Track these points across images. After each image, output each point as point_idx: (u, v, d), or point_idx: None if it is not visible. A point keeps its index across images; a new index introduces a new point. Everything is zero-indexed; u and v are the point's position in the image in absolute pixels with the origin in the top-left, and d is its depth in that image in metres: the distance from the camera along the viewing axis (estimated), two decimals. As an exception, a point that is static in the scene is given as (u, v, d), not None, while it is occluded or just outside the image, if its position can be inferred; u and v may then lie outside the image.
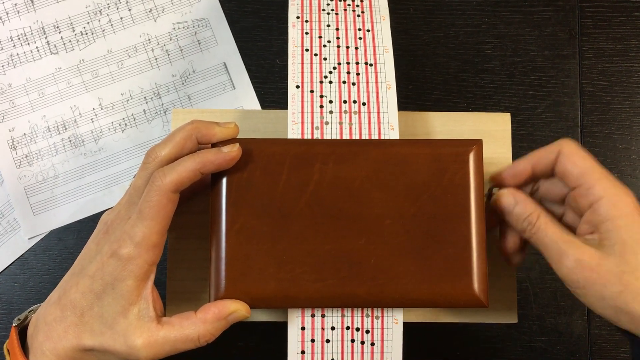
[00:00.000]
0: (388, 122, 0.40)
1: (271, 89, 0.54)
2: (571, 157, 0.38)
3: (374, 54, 0.42)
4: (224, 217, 0.38)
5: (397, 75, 0.42)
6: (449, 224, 0.38)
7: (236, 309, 0.37)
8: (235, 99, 0.54)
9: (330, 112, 0.40)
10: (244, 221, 0.38)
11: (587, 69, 0.54)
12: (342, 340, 0.39)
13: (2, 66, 0.54)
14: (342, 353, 0.39)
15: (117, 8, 0.55)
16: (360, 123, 0.40)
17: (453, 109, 0.53)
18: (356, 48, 0.41)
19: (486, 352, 0.50)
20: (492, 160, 0.45)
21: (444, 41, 0.54)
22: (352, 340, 0.39)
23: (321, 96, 0.40)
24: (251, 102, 0.54)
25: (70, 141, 0.53)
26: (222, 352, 0.50)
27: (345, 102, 0.40)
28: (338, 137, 0.39)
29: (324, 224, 0.38)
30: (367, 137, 0.39)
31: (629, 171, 0.53)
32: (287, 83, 0.41)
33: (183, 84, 0.54)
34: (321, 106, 0.40)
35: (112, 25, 0.54)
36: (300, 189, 0.38)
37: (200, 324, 0.37)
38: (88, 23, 0.54)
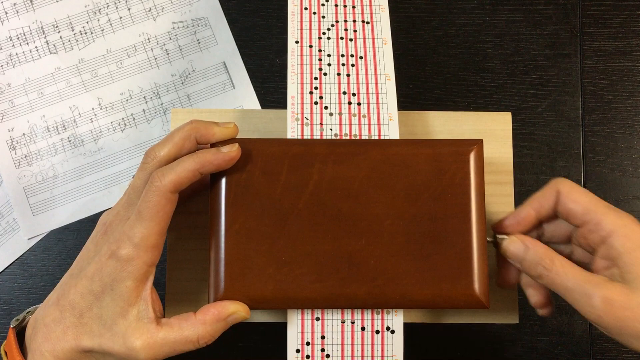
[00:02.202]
0: (385, 74, 0.41)
1: (271, 88, 0.53)
2: (570, 195, 0.37)
3: (371, 13, 0.43)
4: (223, 217, 0.38)
5: (397, 75, 0.42)
6: (449, 224, 0.38)
7: (236, 310, 0.37)
8: (234, 99, 0.53)
9: (329, 64, 0.41)
10: (243, 221, 0.38)
11: (588, 68, 0.54)
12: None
13: (2, 66, 0.53)
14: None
15: (117, 7, 0.54)
16: (357, 74, 0.41)
17: (454, 108, 0.53)
18: (353, 7, 0.43)
19: (487, 353, 0.50)
20: (493, 160, 0.45)
21: (445, 40, 0.54)
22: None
23: (320, 50, 0.41)
24: (251, 101, 0.53)
25: (69, 141, 0.53)
26: (222, 353, 0.49)
27: (343, 55, 0.41)
28: (336, 88, 0.39)
29: (324, 225, 0.38)
30: (364, 87, 0.40)
31: (631, 170, 0.52)
32: (286, 83, 0.41)
33: (183, 83, 0.54)
34: (320, 59, 0.41)
35: (111, 24, 0.54)
36: (300, 189, 0.38)
37: (200, 325, 0.36)
38: (87, 22, 0.54)
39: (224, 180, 0.38)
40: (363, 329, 0.39)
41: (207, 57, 0.54)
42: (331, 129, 0.40)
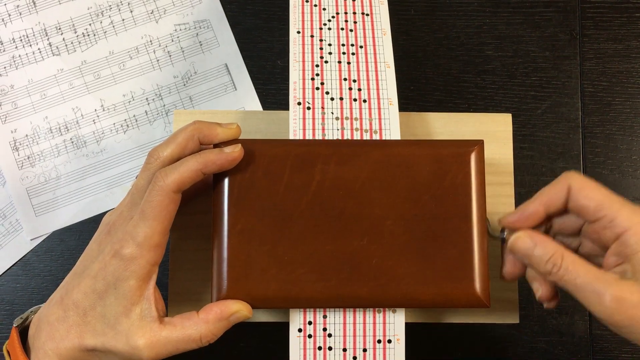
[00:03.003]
0: (384, 62, 0.42)
1: (272, 90, 0.54)
2: (583, 191, 0.36)
3: (370, 5, 0.44)
4: (226, 217, 0.38)
5: (397, 77, 0.42)
6: (451, 224, 0.38)
7: (238, 309, 0.37)
8: (236, 100, 0.54)
9: (330, 53, 0.41)
10: (245, 222, 0.38)
11: (588, 70, 0.54)
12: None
13: (5, 67, 0.54)
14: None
15: (119, 10, 0.55)
16: (358, 62, 0.41)
17: (454, 110, 0.53)
18: (353, 0, 0.44)
19: (487, 353, 0.50)
20: (493, 161, 0.45)
21: (445, 42, 0.54)
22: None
23: (321, 40, 0.42)
24: (252, 103, 0.54)
25: (72, 142, 0.53)
26: (224, 353, 0.50)
27: (343, 45, 0.42)
28: (337, 75, 0.40)
29: (326, 225, 0.38)
30: (364, 74, 0.40)
31: (630, 172, 0.53)
32: (288, 84, 0.41)
33: (185, 85, 0.54)
34: (321, 48, 0.42)
35: (114, 26, 0.55)
36: (302, 189, 0.38)
37: (202, 324, 0.37)
38: (90, 25, 0.55)
39: (226, 181, 0.38)
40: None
41: (209, 59, 0.54)
42: (332, 113, 0.40)
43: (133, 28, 0.55)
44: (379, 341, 0.39)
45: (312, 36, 0.42)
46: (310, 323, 0.39)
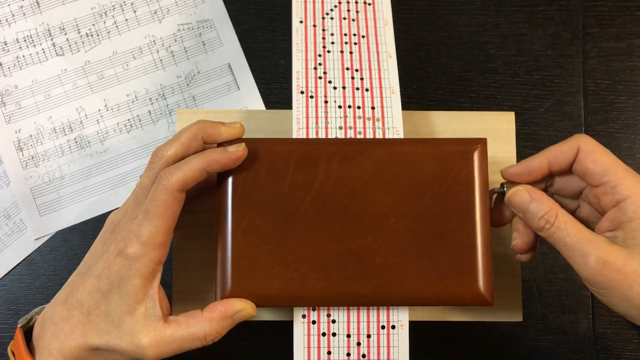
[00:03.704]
0: (386, 52, 0.42)
1: (275, 89, 0.54)
2: (591, 154, 0.36)
3: None
4: (229, 216, 0.38)
5: (400, 76, 0.42)
6: (454, 222, 0.38)
7: (242, 308, 0.37)
8: (239, 100, 0.54)
9: (332, 42, 0.42)
10: (249, 220, 0.38)
11: (590, 68, 0.54)
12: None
13: (8, 68, 0.54)
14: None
15: (123, 10, 0.55)
16: (360, 52, 0.42)
17: (457, 108, 0.53)
18: None
19: (490, 351, 0.50)
20: (496, 159, 0.45)
21: (448, 41, 0.55)
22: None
23: (323, 29, 0.42)
24: (255, 102, 0.54)
25: (76, 142, 0.53)
26: (228, 351, 0.50)
27: (345, 34, 0.42)
28: (340, 64, 0.40)
29: (329, 223, 0.38)
30: (366, 64, 0.41)
31: (634, 170, 0.53)
32: (291, 84, 0.42)
33: (188, 85, 0.54)
34: (323, 38, 0.42)
35: (117, 26, 0.55)
36: (306, 188, 0.38)
37: (207, 322, 0.37)
38: (93, 25, 0.55)
39: (230, 180, 0.38)
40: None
41: (212, 59, 0.55)
42: (335, 101, 0.40)
43: (136, 28, 0.55)
44: (383, 327, 0.39)
45: (314, 26, 0.42)
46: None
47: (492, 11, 0.55)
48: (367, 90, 0.41)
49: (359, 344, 0.39)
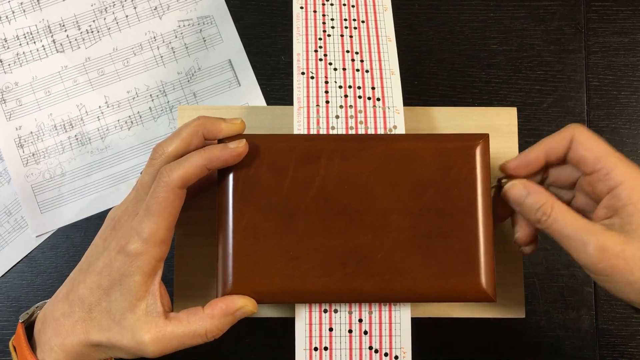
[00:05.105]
0: (386, 35, 0.43)
1: (276, 85, 0.54)
2: (585, 143, 0.37)
3: None
4: (230, 213, 0.38)
5: (401, 72, 0.42)
6: (456, 218, 0.38)
7: (243, 305, 0.37)
8: (240, 96, 0.54)
9: (332, 27, 0.42)
10: (250, 217, 0.38)
11: (593, 64, 0.54)
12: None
13: (9, 65, 0.54)
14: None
15: (123, 6, 0.55)
16: (360, 36, 0.42)
17: (459, 104, 0.53)
18: None
19: (493, 347, 0.50)
20: (498, 155, 0.45)
21: (449, 37, 0.54)
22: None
23: (323, 15, 0.43)
24: (256, 99, 0.54)
25: (76, 139, 0.53)
26: (229, 348, 0.50)
27: (345, 19, 0.43)
28: (340, 47, 0.41)
29: (331, 220, 0.38)
30: (366, 47, 0.41)
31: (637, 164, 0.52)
32: (292, 80, 0.41)
33: (188, 81, 0.54)
34: (324, 22, 0.42)
35: (117, 23, 0.55)
36: (307, 184, 0.38)
37: (208, 319, 0.37)
38: (94, 21, 0.55)
39: (231, 176, 0.38)
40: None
41: (212, 55, 0.54)
42: (335, 82, 0.40)
43: (137, 24, 0.55)
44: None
45: (314, 11, 0.43)
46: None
47: (494, 6, 0.55)
48: (367, 71, 0.41)
49: (360, 320, 0.39)
